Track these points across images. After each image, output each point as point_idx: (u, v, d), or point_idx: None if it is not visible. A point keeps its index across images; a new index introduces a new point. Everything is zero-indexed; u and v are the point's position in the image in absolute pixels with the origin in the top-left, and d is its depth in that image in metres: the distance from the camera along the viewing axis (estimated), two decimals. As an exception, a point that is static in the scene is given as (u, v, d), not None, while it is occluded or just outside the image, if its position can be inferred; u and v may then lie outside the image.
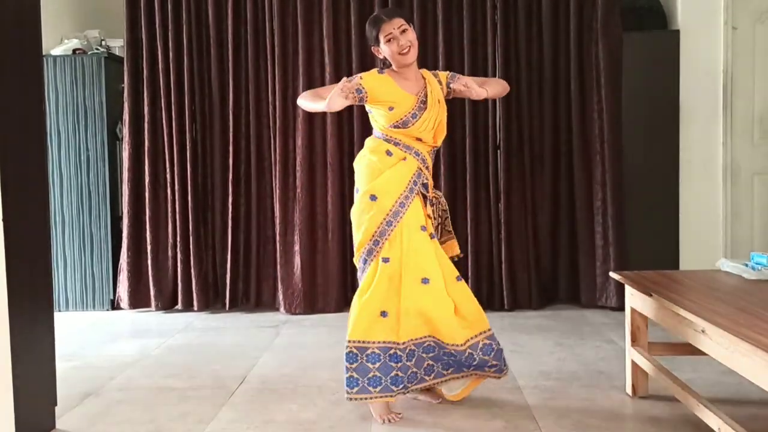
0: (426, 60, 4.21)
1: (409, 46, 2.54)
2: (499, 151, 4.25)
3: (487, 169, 4.24)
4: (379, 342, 2.42)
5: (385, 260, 2.47)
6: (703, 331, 1.99)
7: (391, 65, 2.63)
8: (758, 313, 1.96)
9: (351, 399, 2.45)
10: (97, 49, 4.52)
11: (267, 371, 3.10)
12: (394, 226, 2.48)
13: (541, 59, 4.26)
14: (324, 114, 4.25)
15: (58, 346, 2.62)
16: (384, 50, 2.58)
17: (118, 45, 4.58)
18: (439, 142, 2.67)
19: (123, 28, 4.34)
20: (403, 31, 2.54)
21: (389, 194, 2.51)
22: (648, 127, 4.20)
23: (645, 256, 4.11)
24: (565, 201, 4.30)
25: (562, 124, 4.27)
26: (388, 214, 2.49)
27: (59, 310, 4.41)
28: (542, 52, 4.26)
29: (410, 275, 2.47)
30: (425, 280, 2.47)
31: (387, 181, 2.52)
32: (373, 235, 2.49)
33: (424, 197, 2.62)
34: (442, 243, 2.69)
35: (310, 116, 4.27)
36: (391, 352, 2.42)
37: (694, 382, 2.68)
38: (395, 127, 2.57)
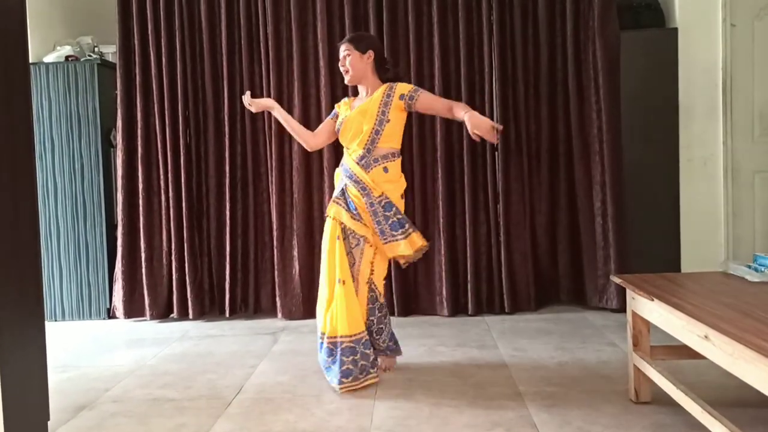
0: (422, 62, 4.18)
1: (345, 69, 3.03)
2: (496, 152, 4.21)
3: (485, 170, 4.20)
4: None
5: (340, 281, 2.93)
6: (706, 337, 1.95)
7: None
8: (763, 317, 1.91)
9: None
10: (90, 55, 4.48)
11: (264, 380, 3.06)
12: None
13: (538, 59, 4.22)
14: (320, 119, 4.21)
15: (53, 357, 2.59)
16: None
17: (111, 51, 4.54)
18: (359, 149, 2.98)
19: (116, 34, 4.30)
20: (346, 56, 3.01)
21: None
22: (647, 126, 4.15)
23: (646, 257, 4.07)
24: (564, 202, 4.26)
25: (560, 124, 4.23)
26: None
27: (55, 320, 4.38)
28: (539, 52, 4.21)
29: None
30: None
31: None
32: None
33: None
34: (385, 243, 2.98)
35: (306, 121, 4.22)
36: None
37: (697, 386, 2.63)
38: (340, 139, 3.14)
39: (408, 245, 2.94)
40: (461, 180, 4.19)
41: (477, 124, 2.78)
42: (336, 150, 4.24)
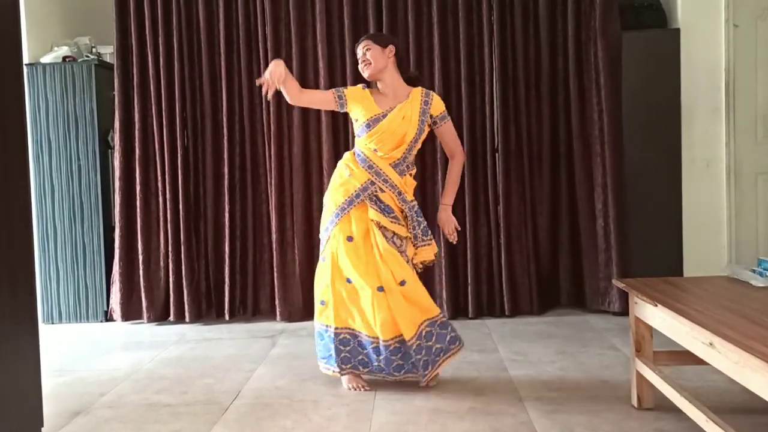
0: (422, 62, 4.14)
1: (366, 62, 2.93)
2: (497, 153, 4.17)
3: (485, 171, 4.16)
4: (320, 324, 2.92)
5: (322, 258, 2.93)
6: (711, 344, 1.91)
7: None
8: (768, 324, 1.88)
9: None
10: (88, 56, 4.45)
11: (261, 385, 3.02)
12: (330, 231, 2.89)
13: (539, 60, 4.18)
14: (319, 120, 4.20)
15: (49, 360, 2.56)
16: None
17: (108, 52, 4.50)
18: (397, 155, 2.91)
19: (113, 34, 4.27)
20: (366, 50, 2.93)
21: (333, 204, 2.91)
22: (649, 127, 4.12)
23: (648, 259, 4.04)
24: (565, 203, 4.22)
25: (561, 125, 4.19)
26: (327, 221, 2.92)
27: (52, 323, 4.35)
28: (540, 53, 4.18)
29: (337, 273, 2.85)
30: (348, 280, 2.83)
31: (335, 192, 2.92)
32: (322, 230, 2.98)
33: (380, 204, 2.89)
34: (416, 247, 2.96)
35: (305, 122, 4.20)
36: (328, 333, 2.86)
37: (701, 391, 2.60)
38: (359, 135, 2.94)
39: (431, 250, 2.97)
40: (461, 181, 4.14)
41: (444, 219, 3.05)
42: (336, 151, 4.21)
